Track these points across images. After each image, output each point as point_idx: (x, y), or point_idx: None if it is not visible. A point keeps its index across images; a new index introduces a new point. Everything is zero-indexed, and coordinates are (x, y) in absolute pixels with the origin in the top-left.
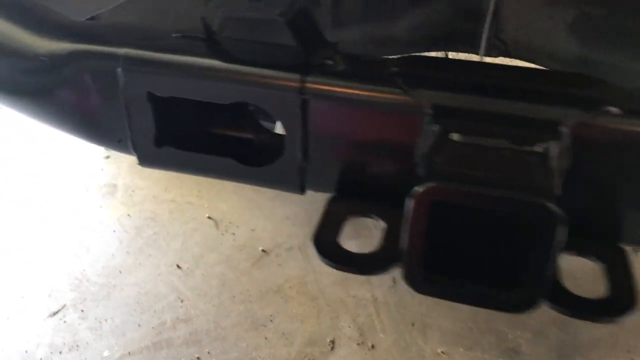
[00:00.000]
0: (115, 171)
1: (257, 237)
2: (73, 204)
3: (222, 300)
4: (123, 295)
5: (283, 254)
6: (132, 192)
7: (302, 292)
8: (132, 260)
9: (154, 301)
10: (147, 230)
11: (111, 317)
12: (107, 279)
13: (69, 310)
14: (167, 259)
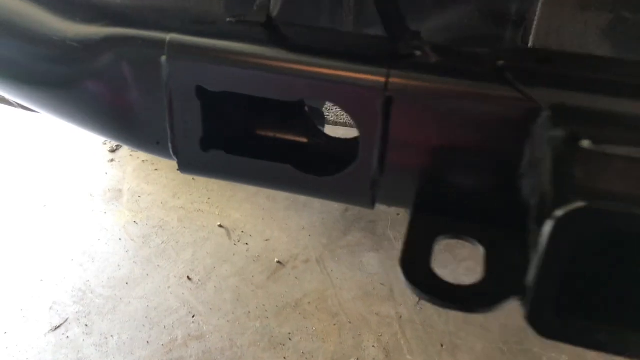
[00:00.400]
0: (121, 175)
1: (272, 247)
2: (76, 210)
3: (237, 315)
4: (130, 309)
5: (300, 266)
6: (138, 197)
7: (322, 308)
8: (140, 271)
9: (164, 316)
10: (155, 239)
11: (117, 332)
12: (113, 291)
13: (72, 324)
14: (177, 270)
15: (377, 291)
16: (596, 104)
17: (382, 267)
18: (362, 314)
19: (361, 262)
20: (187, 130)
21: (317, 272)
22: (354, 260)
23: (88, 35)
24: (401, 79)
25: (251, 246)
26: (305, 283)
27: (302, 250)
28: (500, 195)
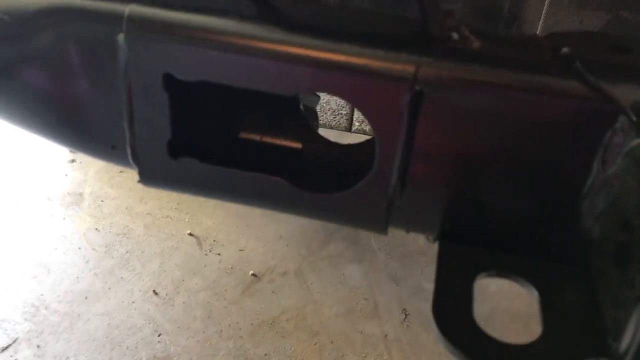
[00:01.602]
0: (82, 177)
1: (247, 258)
2: (31, 215)
3: (208, 335)
4: (89, 327)
5: (277, 280)
6: (101, 202)
7: (301, 326)
8: (101, 285)
9: (127, 335)
10: (118, 248)
11: (74, 354)
12: (70, 306)
13: (22, 345)
14: (142, 283)
15: (360, 307)
16: None
17: (366, 281)
18: (344, 332)
19: (343, 275)
20: (152, 132)
21: (295, 286)
22: (335, 272)
23: (23, 6)
24: (435, 70)
25: (224, 257)
26: (283, 298)
27: (280, 262)
28: (554, 221)
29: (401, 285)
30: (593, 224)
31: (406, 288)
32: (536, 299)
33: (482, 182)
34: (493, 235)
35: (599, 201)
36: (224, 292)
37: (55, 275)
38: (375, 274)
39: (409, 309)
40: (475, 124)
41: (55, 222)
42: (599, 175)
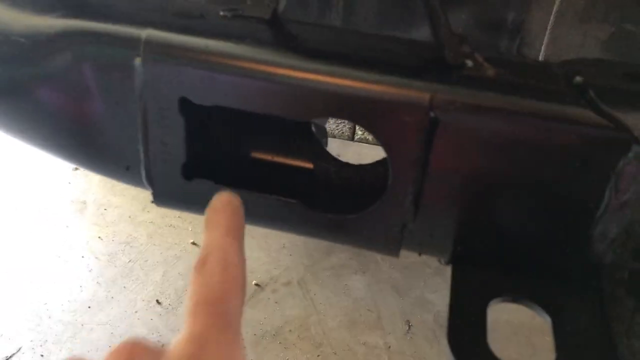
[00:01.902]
0: (85, 185)
1: (250, 268)
2: (34, 223)
3: None
4: (92, 336)
5: (280, 290)
6: (104, 210)
7: (305, 337)
8: (104, 294)
9: None
10: (121, 257)
11: None
12: (74, 316)
13: (26, 354)
14: (145, 292)
15: (363, 318)
16: None
17: (369, 292)
18: (347, 343)
19: (346, 286)
20: (166, 154)
21: (299, 296)
22: (338, 283)
23: (40, 29)
24: (450, 97)
25: None
26: (286, 309)
27: (283, 272)
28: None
29: (404, 296)
30: (606, 250)
31: (409, 299)
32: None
33: (496, 207)
34: (506, 259)
35: (613, 227)
36: None
37: (59, 284)
38: (379, 285)
39: (413, 321)
40: (489, 150)
41: (58, 230)
42: (613, 202)
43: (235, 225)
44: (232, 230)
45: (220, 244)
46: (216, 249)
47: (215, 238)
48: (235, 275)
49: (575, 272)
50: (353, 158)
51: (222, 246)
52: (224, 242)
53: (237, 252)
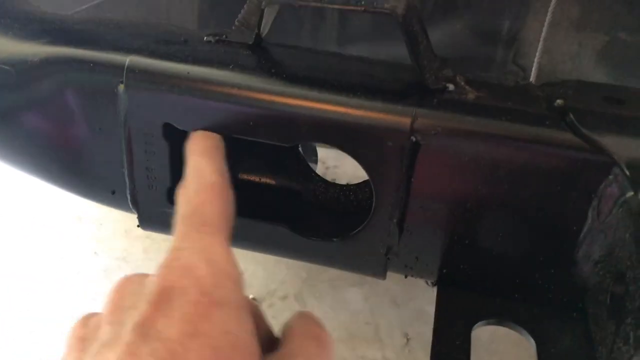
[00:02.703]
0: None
1: (247, 282)
2: (27, 238)
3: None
4: None
5: (277, 304)
6: (100, 224)
7: None
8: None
9: None
10: (117, 272)
11: None
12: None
13: None
14: None
15: (361, 331)
16: None
17: (367, 304)
18: (345, 357)
19: (344, 299)
20: (151, 179)
21: (296, 309)
22: (336, 296)
23: (25, 57)
24: (431, 121)
25: None
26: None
27: (280, 286)
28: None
29: (402, 308)
30: (590, 272)
31: (408, 312)
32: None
33: (479, 229)
34: (490, 282)
35: (595, 250)
36: None
37: (54, 300)
38: (377, 298)
39: (411, 333)
40: (471, 173)
41: (53, 245)
42: (595, 224)
43: (208, 148)
44: (205, 151)
45: (196, 164)
46: (193, 170)
47: (192, 160)
48: (211, 186)
49: (560, 295)
50: (350, 162)
51: (197, 165)
52: (198, 162)
53: (211, 168)
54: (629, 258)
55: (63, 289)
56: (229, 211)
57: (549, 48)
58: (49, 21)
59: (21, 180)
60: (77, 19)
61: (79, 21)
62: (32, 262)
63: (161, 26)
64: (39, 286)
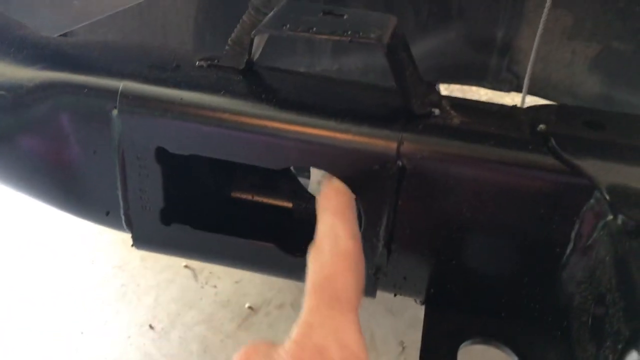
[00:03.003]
0: None
1: (243, 291)
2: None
3: None
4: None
5: (273, 312)
6: (97, 234)
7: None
8: (97, 318)
9: None
10: (113, 281)
11: None
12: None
13: None
14: (137, 317)
15: None
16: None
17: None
18: None
19: None
20: (145, 200)
21: (292, 318)
22: None
23: (21, 82)
24: (417, 145)
25: (220, 289)
26: (280, 332)
27: (276, 294)
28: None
29: (398, 316)
30: (574, 292)
31: (403, 320)
32: None
33: (465, 250)
34: (477, 301)
35: (578, 271)
36: (220, 325)
37: (51, 309)
38: (372, 306)
39: (406, 341)
40: (456, 195)
41: (49, 255)
42: (577, 246)
43: (342, 207)
44: (339, 212)
45: (330, 227)
46: (327, 232)
47: (326, 222)
48: (345, 254)
49: (545, 314)
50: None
51: (332, 227)
52: (333, 223)
53: (346, 232)
54: (609, 281)
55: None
56: (361, 283)
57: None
58: (44, 46)
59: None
60: (72, 43)
61: (73, 45)
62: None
63: (154, 50)
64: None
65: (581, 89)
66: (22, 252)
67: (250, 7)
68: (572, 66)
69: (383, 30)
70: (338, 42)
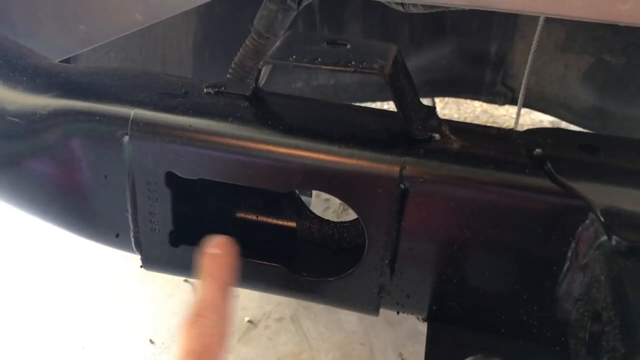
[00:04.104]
0: None
1: (242, 305)
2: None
3: None
4: None
5: (273, 326)
6: (96, 248)
7: None
8: (96, 333)
9: None
10: (113, 295)
11: None
12: (68, 357)
13: None
14: (138, 332)
15: (357, 352)
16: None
17: (361, 325)
18: None
19: (339, 320)
20: (154, 223)
21: (291, 331)
22: (331, 317)
23: (33, 109)
24: (419, 169)
25: None
26: (279, 345)
27: (275, 307)
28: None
29: (397, 328)
30: (571, 309)
31: (402, 331)
32: None
33: (466, 269)
34: (478, 318)
35: (575, 288)
36: None
37: (50, 324)
38: (371, 318)
39: (405, 353)
40: (457, 217)
41: (48, 269)
42: (574, 265)
43: (227, 280)
44: (224, 286)
45: (215, 301)
46: (211, 305)
47: (211, 293)
48: (222, 334)
49: (544, 330)
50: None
51: (216, 303)
52: (218, 299)
53: (228, 311)
54: (604, 299)
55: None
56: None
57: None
58: (56, 74)
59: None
60: (82, 70)
61: (84, 73)
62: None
63: (162, 77)
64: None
65: (575, 102)
66: (21, 267)
67: (252, 31)
68: (566, 79)
69: (385, 60)
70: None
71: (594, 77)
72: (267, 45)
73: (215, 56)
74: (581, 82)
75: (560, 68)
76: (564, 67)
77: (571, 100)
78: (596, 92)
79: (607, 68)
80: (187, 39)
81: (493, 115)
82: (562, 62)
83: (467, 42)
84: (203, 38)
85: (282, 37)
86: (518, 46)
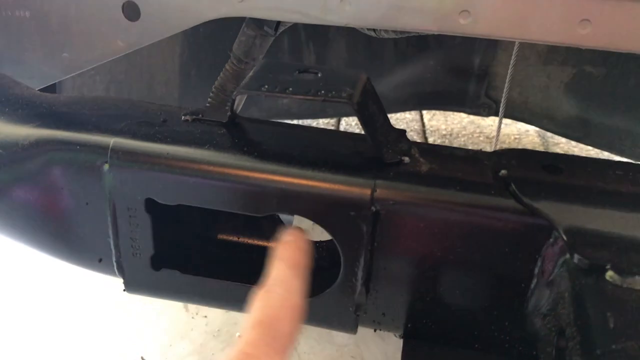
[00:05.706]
0: None
1: (233, 320)
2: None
3: None
4: None
5: None
6: None
7: None
8: (87, 351)
9: None
10: (105, 313)
11: None
12: None
13: None
14: (129, 350)
15: None
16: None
17: (352, 338)
18: None
19: (330, 333)
20: (135, 248)
21: None
22: (322, 331)
23: (16, 139)
24: (389, 192)
25: (210, 319)
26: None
27: None
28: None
29: (387, 341)
30: (539, 325)
31: (393, 344)
32: None
33: (438, 287)
34: (453, 334)
35: (543, 304)
36: (211, 356)
37: (40, 343)
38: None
39: None
40: (427, 237)
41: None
42: (540, 281)
43: (299, 262)
44: (296, 266)
45: (285, 278)
46: (281, 281)
47: (282, 271)
48: (292, 306)
49: (516, 345)
50: None
51: (286, 280)
52: (288, 276)
53: (298, 287)
54: (568, 315)
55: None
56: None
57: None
58: (38, 104)
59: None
60: (64, 100)
61: (65, 103)
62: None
63: (142, 105)
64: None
65: (558, 112)
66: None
67: (232, 57)
68: (548, 90)
69: (353, 89)
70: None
71: (576, 88)
72: (247, 70)
73: (201, 75)
74: (563, 93)
75: (542, 79)
76: (546, 78)
77: (554, 111)
78: (578, 102)
79: (589, 79)
80: (173, 59)
81: (480, 126)
82: (545, 74)
83: (451, 56)
84: (189, 57)
85: (257, 65)
86: (501, 58)
